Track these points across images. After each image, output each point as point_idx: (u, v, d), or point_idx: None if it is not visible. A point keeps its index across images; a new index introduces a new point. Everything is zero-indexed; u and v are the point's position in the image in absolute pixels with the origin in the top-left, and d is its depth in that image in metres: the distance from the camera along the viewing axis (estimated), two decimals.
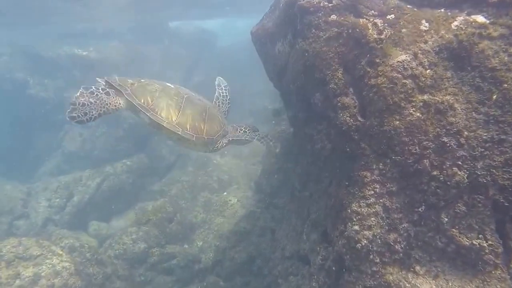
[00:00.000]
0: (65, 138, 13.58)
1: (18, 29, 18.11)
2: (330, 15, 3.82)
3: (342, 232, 3.64)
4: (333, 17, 3.81)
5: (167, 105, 4.66)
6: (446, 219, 3.14)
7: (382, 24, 3.55)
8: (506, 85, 3.00)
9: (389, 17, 3.60)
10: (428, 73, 3.25)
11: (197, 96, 5.11)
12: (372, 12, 3.70)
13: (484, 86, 3.09)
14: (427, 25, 3.41)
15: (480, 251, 3.05)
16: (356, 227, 3.45)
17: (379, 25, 3.55)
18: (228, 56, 19.50)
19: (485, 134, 3.05)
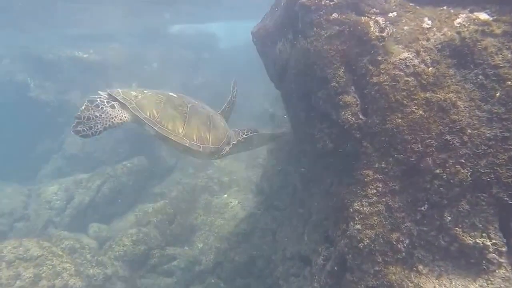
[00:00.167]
0: (66, 140, 13.61)
1: (20, 32, 18.14)
2: (331, 13, 3.80)
3: (344, 232, 3.60)
4: (334, 15, 3.78)
5: (173, 117, 4.63)
6: (449, 218, 3.11)
7: (384, 22, 3.53)
8: (510, 83, 2.97)
9: (391, 15, 3.59)
10: (431, 70, 3.23)
11: (199, 104, 5.10)
12: (374, 10, 3.67)
13: (487, 84, 3.06)
14: (429, 22, 3.39)
15: (484, 250, 3.01)
16: (358, 226, 3.42)
17: (381, 23, 3.53)
18: (229, 59, 19.50)
19: (488, 132, 3.01)
